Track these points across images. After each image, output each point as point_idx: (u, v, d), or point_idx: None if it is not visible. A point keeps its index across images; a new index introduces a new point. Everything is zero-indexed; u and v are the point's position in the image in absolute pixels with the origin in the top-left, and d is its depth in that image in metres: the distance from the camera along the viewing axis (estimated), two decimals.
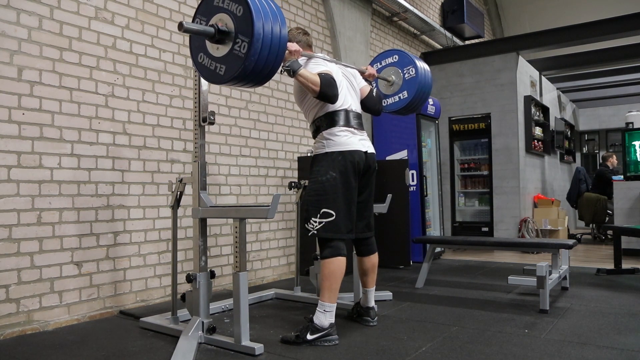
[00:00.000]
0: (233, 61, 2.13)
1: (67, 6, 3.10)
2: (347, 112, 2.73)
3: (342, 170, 2.63)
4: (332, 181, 2.62)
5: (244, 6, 2.09)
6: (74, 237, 3.08)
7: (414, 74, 3.32)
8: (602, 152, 10.90)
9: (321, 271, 2.62)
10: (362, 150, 2.71)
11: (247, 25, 2.06)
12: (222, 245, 4.08)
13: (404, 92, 3.36)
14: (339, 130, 2.68)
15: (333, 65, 2.81)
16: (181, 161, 3.75)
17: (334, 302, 2.57)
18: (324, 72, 2.60)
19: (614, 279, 4.32)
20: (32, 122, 2.90)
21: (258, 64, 2.10)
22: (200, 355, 2.41)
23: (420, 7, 7.34)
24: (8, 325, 2.75)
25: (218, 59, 2.20)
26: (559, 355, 2.32)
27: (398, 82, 3.38)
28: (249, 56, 2.06)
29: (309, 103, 2.76)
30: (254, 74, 2.14)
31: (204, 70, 2.29)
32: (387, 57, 3.48)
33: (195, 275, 2.64)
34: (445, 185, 6.76)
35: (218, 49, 2.20)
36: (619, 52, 7.86)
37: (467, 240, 4.20)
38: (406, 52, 3.43)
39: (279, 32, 2.12)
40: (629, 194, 5.92)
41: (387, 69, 3.44)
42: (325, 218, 2.61)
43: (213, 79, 2.26)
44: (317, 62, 2.72)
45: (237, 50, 2.10)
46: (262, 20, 2.06)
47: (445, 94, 7.19)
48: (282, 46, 2.15)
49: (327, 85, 2.55)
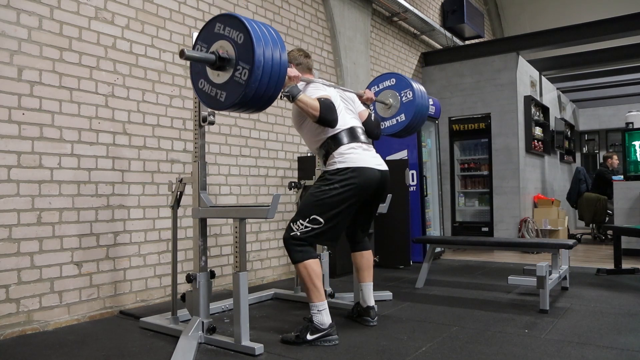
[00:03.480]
0: (234, 88, 2.13)
1: (67, 6, 3.10)
2: (351, 129, 2.75)
3: (349, 188, 2.60)
4: (335, 195, 2.58)
5: (244, 34, 2.10)
6: (74, 237, 3.08)
7: (411, 97, 3.37)
8: (602, 152, 10.90)
9: (299, 275, 2.60)
10: (375, 169, 2.70)
11: (248, 53, 2.07)
12: (222, 245, 4.08)
13: (401, 115, 3.40)
14: (349, 147, 2.68)
15: (332, 90, 2.83)
16: (181, 161, 3.75)
17: (323, 300, 2.57)
18: (323, 97, 2.61)
19: (614, 279, 4.32)
20: (32, 122, 2.90)
21: (259, 90, 2.10)
22: (200, 355, 2.41)
23: (420, 7, 7.34)
24: (8, 325, 2.75)
25: (219, 86, 2.21)
26: (559, 355, 2.32)
27: (395, 105, 3.42)
28: (250, 83, 2.06)
29: (308, 128, 2.76)
30: (255, 101, 2.15)
31: (204, 96, 2.29)
32: (384, 80, 3.52)
33: (195, 275, 2.64)
34: (445, 185, 6.76)
35: (219, 76, 2.20)
36: (619, 52, 7.86)
37: (467, 240, 4.20)
38: (403, 75, 3.47)
39: (279, 58, 2.13)
40: (629, 194, 5.92)
41: (385, 92, 3.48)
42: (313, 224, 2.58)
43: (213, 105, 2.27)
44: (317, 87, 2.73)
45: (238, 77, 2.11)
46: (262, 47, 2.07)
47: (445, 94, 7.19)
48: (282, 73, 2.15)
49: (326, 110, 2.57)
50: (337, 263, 4.49)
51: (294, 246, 2.59)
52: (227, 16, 2.20)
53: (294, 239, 2.59)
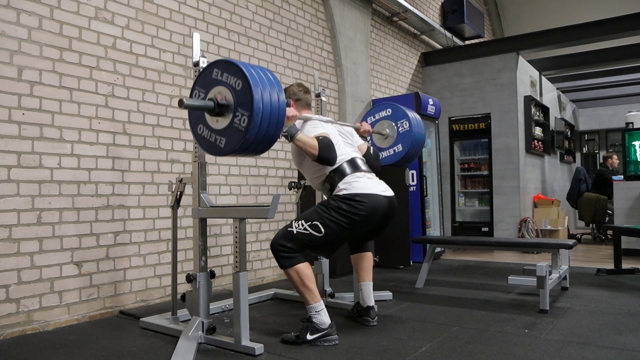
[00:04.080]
0: (233, 134, 2.13)
1: (67, 6, 3.10)
2: (352, 160, 2.76)
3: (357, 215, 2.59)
4: (342, 212, 2.58)
5: (242, 80, 2.10)
6: (74, 237, 3.08)
7: (407, 127, 3.39)
8: (602, 152, 10.90)
9: (291, 281, 2.59)
10: (382, 195, 2.69)
11: (247, 99, 2.07)
12: (222, 245, 4.08)
13: (398, 146, 3.42)
14: (353, 176, 2.68)
15: (329, 126, 2.84)
16: (181, 161, 3.75)
17: (319, 300, 2.57)
18: (321, 135, 2.63)
19: (614, 279, 4.31)
20: (32, 122, 2.90)
21: (258, 135, 2.10)
22: (200, 355, 2.41)
23: (420, 7, 7.34)
24: (8, 325, 2.75)
25: (218, 132, 2.20)
26: (559, 355, 2.31)
27: (392, 135, 3.45)
28: (250, 129, 2.06)
29: (309, 165, 2.78)
30: (254, 145, 2.14)
31: (203, 142, 2.28)
32: (380, 111, 3.54)
33: (195, 275, 2.64)
34: (445, 185, 6.76)
35: (217, 122, 2.20)
36: (619, 52, 7.86)
37: (467, 240, 4.20)
38: (398, 105, 3.49)
39: (278, 101, 2.12)
40: (629, 194, 5.92)
41: (381, 122, 3.50)
42: (313, 230, 2.57)
43: (213, 151, 2.25)
44: (314, 125, 2.73)
45: (237, 124, 2.11)
46: (260, 92, 2.07)
47: (445, 94, 7.19)
48: (281, 116, 2.15)
49: (325, 149, 2.58)
50: (337, 263, 4.49)
51: (281, 252, 2.56)
52: (224, 62, 2.20)
53: (281, 245, 2.56)
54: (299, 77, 4.95)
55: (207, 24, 4.04)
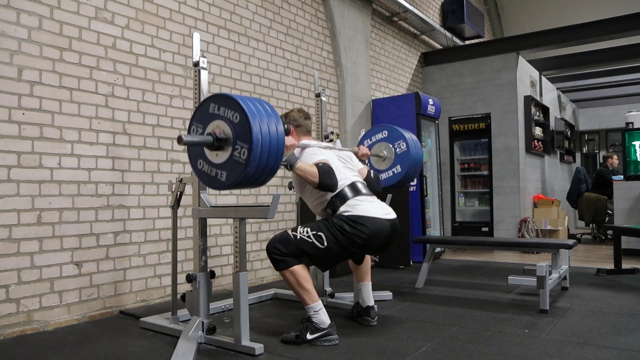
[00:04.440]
0: (234, 167, 2.13)
1: (67, 6, 3.10)
2: (353, 184, 2.75)
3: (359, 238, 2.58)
4: (345, 234, 2.57)
5: (240, 113, 2.10)
6: (74, 237, 3.08)
7: (405, 148, 3.41)
8: (602, 152, 10.90)
9: (287, 282, 2.59)
10: (384, 219, 2.67)
11: (245, 132, 2.07)
12: (222, 245, 4.08)
13: (397, 167, 3.44)
14: (355, 200, 2.67)
15: (328, 152, 2.84)
16: (181, 161, 3.75)
17: (317, 300, 2.57)
18: (320, 162, 2.62)
19: (614, 279, 4.31)
20: (32, 122, 2.90)
21: (259, 167, 2.10)
22: (200, 356, 2.41)
23: (420, 7, 7.34)
24: (8, 325, 2.75)
25: (218, 165, 2.20)
26: (559, 355, 2.32)
27: (390, 157, 3.47)
28: (250, 162, 2.06)
29: (310, 191, 2.78)
30: (256, 177, 2.14)
31: (204, 176, 2.28)
32: (376, 133, 3.56)
33: (195, 275, 2.64)
34: (445, 185, 6.76)
35: (217, 156, 2.20)
36: (619, 52, 7.86)
37: (467, 240, 4.20)
38: (394, 126, 3.50)
39: (276, 132, 2.13)
40: (629, 194, 5.92)
41: (378, 145, 3.52)
42: (316, 240, 2.57)
43: (214, 185, 2.24)
44: (313, 152, 2.72)
45: (237, 157, 2.10)
46: (258, 124, 2.07)
47: (445, 94, 7.19)
48: (280, 147, 2.15)
49: (325, 176, 2.57)
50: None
51: (275, 255, 2.56)
52: (221, 96, 2.20)
53: (276, 248, 2.56)
54: (299, 77, 4.95)
55: (207, 24, 4.04)
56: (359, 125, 5.62)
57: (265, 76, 4.57)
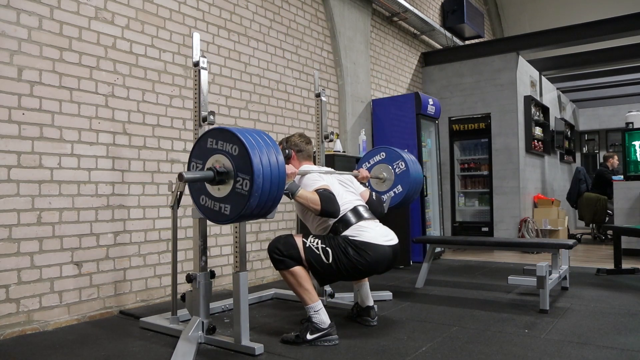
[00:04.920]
0: (237, 199, 2.12)
1: (67, 6, 3.10)
2: (355, 209, 2.74)
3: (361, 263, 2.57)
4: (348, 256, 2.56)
5: (238, 145, 2.11)
6: (74, 237, 3.08)
7: (404, 167, 3.42)
8: (602, 152, 10.90)
9: (287, 282, 2.59)
10: (386, 246, 2.66)
11: (246, 163, 2.08)
12: (222, 245, 4.08)
13: (398, 187, 3.44)
14: (358, 225, 2.67)
15: (329, 177, 2.83)
16: (181, 161, 3.75)
17: (317, 300, 2.57)
18: (321, 188, 2.61)
19: (614, 279, 4.31)
20: (32, 122, 2.90)
21: (262, 198, 2.10)
22: (200, 356, 2.41)
23: (420, 7, 7.34)
24: (8, 325, 2.75)
25: (221, 199, 2.19)
26: (559, 355, 2.31)
27: (390, 178, 3.47)
28: (253, 192, 2.06)
29: (313, 218, 2.78)
30: (259, 208, 2.14)
31: (207, 211, 2.27)
32: (374, 156, 3.57)
33: (195, 275, 2.64)
34: (445, 185, 6.76)
35: (219, 190, 2.20)
36: (619, 52, 7.86)
37: (467, 240, 4.20)
38: (391, 147, 3.52)
39: (277, 161, 2.13)
40: (629, 194, 5.92)
41: (377, 167, 3.53)
42: (323, 254, 2.56)
43: (219, 219, 2.23)
44: (314, 178, 2.71)
45: (240, 189, 2.11)
46: (258, 155, 2.08)
47: (445, 94, 7.19)
48: (281, 176, 2.15)
49: (327, 203, 2.57)
50: None
51: (277, 256, 2.56)
52: (218, 130, 2.21)
53: (277, 249, 2.56)
54: (299, 77, 4.95)
55: (207, 24, 4.04)
56: (359, 125, 5.62)
57: (265, 76, 4.57)
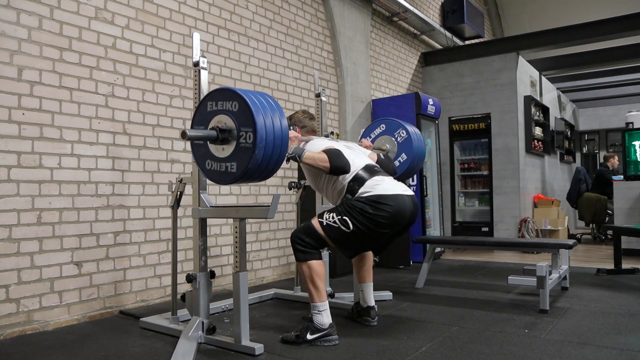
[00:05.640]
0: (242, 155, 2.15)
1: (67, 6, 3.10)
2: (367, 166, 2.74)
3: (382, 215, 2.56)
4: (367, 216, 2.55)
5: (238, 100, 2.15)
6: (74, 237, 3.08)
7: (405, 135, 3.41)
8: (602, 152, 10.90)
9: (302, 274, 2.60)
10: (405, 195, 2.66)
11: (247, 116, 2.11)
12: (222, 245, 4.08)
13: (402, 155, 3.43)
14: (373, 180, 2.65)
15: (334, 142, 2.85)
16: (181, 161, 3.75)
17: (324, 300, 2.57)
18: (328, 148, 2.63)
19: (614, 279, 4.31)
20: (32, 122, 2.90)
21: (267, 150, 2.12)
22: (200, 355, 2.41)
23: (420, 7, 7.34)
24: (8, 325, 2.75)
25: (226, 159, 2.22)
26: (559, 355, 2.32)
27: (393, 149, 3.46)
28: (257, 143, 2.09)
29: (327, 183, 2.77)
30: (264, 162, 2.15)
31: (214, 174, 2.29)
32: (375, 129, 3.56)
33: (195, 275, 2.64)
34: (445, 185, 6.76)
35: (224, 149, 2.23)
36: (619, 52, 7.86)
37: (467, 240, 4.20)
38: (392, 118, 3.51)
39: (279, 118, 2.17)
40: (629, 194, 5.92)
41: (379, 139, 3.51)
42: (342, 224, 2.56)
43: (226, 179, 2.26)
44: (318, 142, 2.74)
45: (244, 142, 2.14)
46: (260, 108, 2.12)
47: (445, 94, 7.19)
48: (284, 128, 2.19)
49: (336, 158, 2.57)
50: (337, 263, 4.49)
51: (298, 245, 2.58)
52: (216, 91, 2.26)
53: (300, 239, 2.58)
54: (299, 77, 4.95)
55: (207, 24, 4.04)
56: (359, 125, 5.62)
57: (265, 76, 4.57)
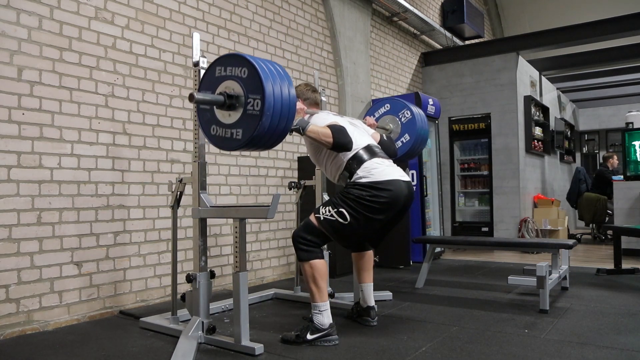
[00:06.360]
0: (249, 122, 2.13)
1: (67, 6, 3.10)
2: (368, 146, 2.74)
3: (379, 202, 2.57)
4: (364, 204, 2.56)
5: (247, 67, 2.12)
6: (74, 237, 3.08)
7: (410, 115, 3.40)
8: (602, 152, 10.90)
9: (304, 274, 2.60)
10: (402, 180, 2.68)
11: (256, 83, 2.09)
12: (222, 245, 4.08)
13: (405, 136, 3.42)
14: (372, 162, 2.66)
15: (339, 117, 2.85)
16: (181, 161, 3.75)
17: (325, 300, 2.57)
18: (332, 123, 2.63)
19: (614, 279, 4.31)
20: (32, 122, 2.90)
21: (274, 118, 2.10)
22: (200, 355, 2.41)
23: (420, 7, 7.34)
24: (8, 325, 2.75)
25: (232, 125, 2.20)
26: (559, 355, 2.31)
27: (396, 130, 3.45)
28: (265, 111, 2.07)
29: (327, 158, 2.77)
30: (271, 130, 2.14)
31: (218, 140, 2.28)
32: (379, 108, 3.55)
33: (195, 275, 2.64)
34: (445, 185, 6.76)
35: (230, 116, 2.21)
36: (619, 52, 7.86)
37: (467, 240, 4.20)
38: (397, 98, 3.50)
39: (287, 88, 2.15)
40: (629, 194, 5.92)
41: (383, 119, 3.50)
42: (339, 217, 2.57)
43: (230, 146, 2.24)
44: (323, 117, 2.74)
45: (251, 110, 2.12)
46: (269, 76, 2.10)
47: (445, 94, 7.19)
48: (292, 98, 2.16)
49: (339, 134, 2.57)
50: (337, 263, 4.49)
51: (300, 245, 2.58)
52: (225, 57, 2.24)
53: (302, 237, 2.58)
54: (299, 77, 4.95)
55: (207, 24, 4.04)
56: None
57: None
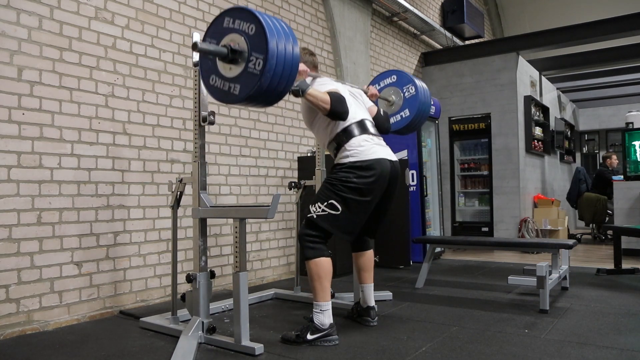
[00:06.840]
0: (248, 79, 2.12)
1: (67, 6, 3.10)
2: (361, 121, 2.74)
3: (365, 182, 2.59)
4: (352, 186, 2.58)
5: (256, 24, 2.10)
6: (74, 237, 3.08)
7: (414, 92, 3.36)
8: (602, 152, 10.90)
9: (308, 273, 2.60)
10: (387, 159, 2.69)
11: (261, 43, 2.07)
12: (222, 245, 4.08)
13: (405, 111, 3.39)
14: (361, 139, 2.67)
15: (340, 85, 2.84)
16: (181, 161, 3.75)
17: (328, 300, 2.57)
18: (332, 90, 2.62)
19: (614, 279, 4.31)
20: (32, 122, 2.90)
21: (273, 80, 2.10)
22: (200, 355, 2.41)
23: (420, 7, 7.34)
24: (8, 325, 2.75)
25: (231, 79, 2.19)
26: (559, 355, 2.31)
27: (398, 102, 3.42)
28: (265, 72, 2.06)
29: (320, 123, 2.77)
30: (269, 92, 2.14)
31: (216, 92, 2.28)
32: (385, 78, 3.52)
33: (195, 275, 2.64)
34: (445, 185, 6.76)
35: (231, 69, 2.20)
36: (619, 52, 7.86)
37: (467, 240, 4.19)
38: (404, 72, 3.47)
39: (292, 49, 2.13)
40: (629, 194, 5.92)
41: (387, 89, 3.47)
42: (331, 209, 2.58)
43: (226, 99, 2.24)
44: (324, 82, 2.74)
45: (252, 68, 2.11)
46: (275, 37, 2.08)
47: (445, 94, 7.19)
48: (295, 62, 2.14)
49: (337, 103, 2.57)
50: (337, 263, 4.48)
51: (307, 242, 2.59)
52: (237, 9, 2.21)
53: (307, 234, 2.59)
54: None
55: (207, 24, 4.04)
56: None
57: None
